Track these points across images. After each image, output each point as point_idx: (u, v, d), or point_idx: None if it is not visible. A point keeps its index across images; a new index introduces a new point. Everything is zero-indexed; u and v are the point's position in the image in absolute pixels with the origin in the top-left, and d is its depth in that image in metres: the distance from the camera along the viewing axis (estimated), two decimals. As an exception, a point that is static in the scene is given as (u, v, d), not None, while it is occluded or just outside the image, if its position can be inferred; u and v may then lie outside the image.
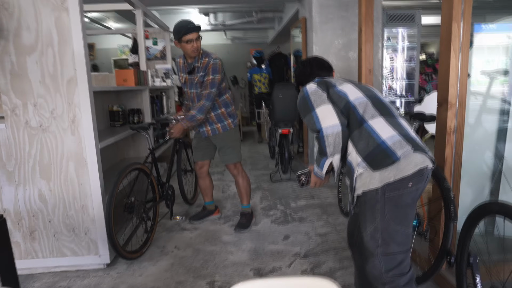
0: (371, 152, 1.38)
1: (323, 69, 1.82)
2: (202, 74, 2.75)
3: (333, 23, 4.46)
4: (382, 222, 1.38)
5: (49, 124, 2.23)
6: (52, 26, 2.15)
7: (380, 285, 1.43)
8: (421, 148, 1.40)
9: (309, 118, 1.54)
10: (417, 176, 1.35)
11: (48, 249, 2.38)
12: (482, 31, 2.45)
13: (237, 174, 3.04)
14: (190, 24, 2.63)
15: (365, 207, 1.44)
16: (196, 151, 3.08)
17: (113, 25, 8.74)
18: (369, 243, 1.44)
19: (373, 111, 1.46)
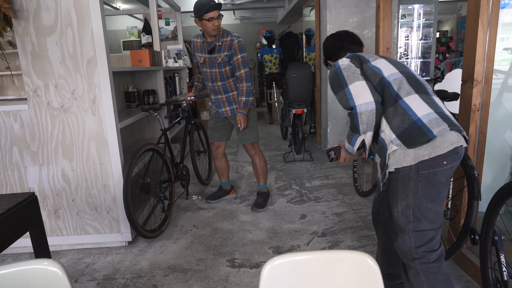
0: (406, 129, 1.36)
1: (355, 43, 1.78)
2: (228, 53, 2.73)
3: (348, 0, 4.35)
4: (415, 199, 1.38)
5: (70, 104, 2.25)
6: (70, 6, 2.13)
7: (410, 261, 1.43)
8: (457, 127, 1.38)
9: (341, 95, 1.51)
10: (452, 155, 1.34)
11: (72, 227, 2.44)
12: (507, 6, 2.37)
13: (254, 154, 3.05)
14: (212, 1, 2.59)
15: (397, 184, 1.42)
16: (212, 132, 3.09)
17: (121, 6, 8.65)
18: (400, 219, 1.43)
19: (408, 88, 1.44)
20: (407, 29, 5.25)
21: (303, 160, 4.48)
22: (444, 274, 1.39)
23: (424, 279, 1.39)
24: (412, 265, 1.42)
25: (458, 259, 2.08)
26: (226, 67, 2.78)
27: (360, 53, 1.69)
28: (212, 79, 2.87)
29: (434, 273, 1.39)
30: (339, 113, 4.63)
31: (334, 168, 4.14)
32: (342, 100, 1.52)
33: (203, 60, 2.85)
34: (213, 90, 2.92)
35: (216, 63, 2.78)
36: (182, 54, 4.76)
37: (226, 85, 2.86)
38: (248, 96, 2.78)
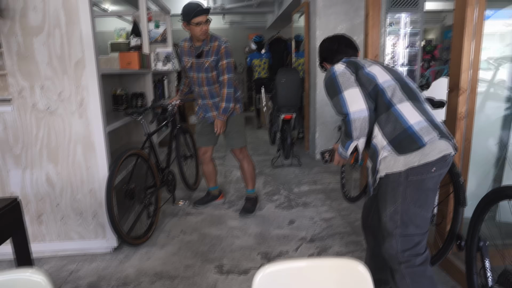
0: (398, 136, 1.38)
1: (351, 47, 1.79)
2: (215, 58, 2.72)
3: (337, 8, 4.41)
4: (403, 204, 1.40)
5: (57, 107, 2.20)
6: (59, 7, 2.09)
7: (396, 265, 1.46)
8: (446, 135, 1.41)
9: (336, 101, 1.53)
10: (441, 162, 1.36)
11: (55, 232, 2.39)
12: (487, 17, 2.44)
13: (243, 159, 3.04)
14: (199, 6, 2.58)
15: (386, 189, 1.45)
16: (199, 136, 3.07)
17: (109, 8, 8.56)
18: (388, 223, 1.46)
19: (401, 95, 1.46)
20: (394, 37, 5.35)
21: (292, 165, 4.49)
22: (429, 277, 1.42)
23: (410, 282, 1.42)
24: (399, 268, 1.45)
25: (444, 264, 2.11)
26: (213, 72, 2.77)
27: (355, 58, 1.71)
28: (199, 84, 2.85)
29: (420, 276, 1.41)
30: (327, 118, 4.66)
31: (322, 173, 4.16)
32: (336, 106, 1.54)
33: (190, 65, 2.83)
34: (200, 94, 2.90)
35: (203, 68, 2.77)
36: (171, 57, 4.72)
37: (212, 90, 2.84)
38: (228, 102, 2.75)
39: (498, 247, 1.81)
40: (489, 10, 2.41)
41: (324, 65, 1.86)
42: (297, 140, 5.93)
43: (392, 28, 5.28)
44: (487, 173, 2.61)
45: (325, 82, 1.62)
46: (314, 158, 4.82)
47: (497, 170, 2.57)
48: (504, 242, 1.89)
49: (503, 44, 2.54)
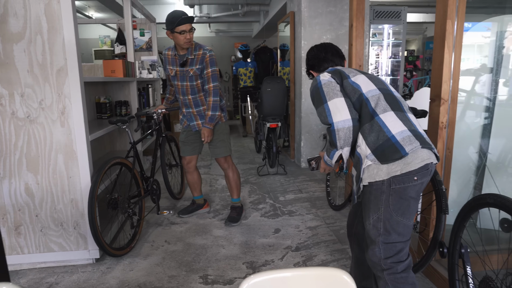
0: (381, 145, 1.40)
1: (338, 56, 1.82)
2: (199, 67, 2.71)
3: (322, 18, 4.48)
4: (386, 212, 1.42)
5: (37, 115, 2.15)
6: (41, 13, 2.06)
7: (379, 272, 1.47)
8: (428, 144, 1.43)
9: (321, 111, 1.55)
10: (423, 171, 1.39)
11: (35, 244, 2.31)
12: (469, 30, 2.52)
13: (227, 168, 3.03)
14: (184, 14, 2.58)
15: (370, 197, 1.47)
16: (184, 145, 3.04)
17: (94, 15, 8.49)
18: (371, 231, 1.48)
19: (384, 105, 1.48)
20: (377, 48, 5.46)
21: (277, 174, 4.49)
22: (411, 284, 1.44)
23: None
24: (382, 275, 1.47)
25: (428, 271, 2.13)
26: (198, 81, 2.76)
27: (341, 67, 1.73)
28: (184, 92, 2.84)
29: (402, 283, 1.43)
30: (312, 127, 4.70)
31: (307, 181, 4.18)
32: (321, 116, 1.56)
33: (175, 73, 2.82)
34: (184, 103, 2.89)
35: (188, 76, 2.76)
36: (157, 65, 4.70)
37: (197, 98, 2.84)
38: (214, 110, 2.75)
39: (479, 253, 1.84)
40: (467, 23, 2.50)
41: (311, 73, 1.88)
42: (283, 148, 5.95)
43: (375, 38, 5.40)
44: (468, 181, 2.67)
45: (311, 91, 1.64)
46: (299, 166, 4.84)
47: (477, 178, 2.63)
48: (484, 249, 1.92)
49: (481, 55, 2.62)
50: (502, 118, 2.49)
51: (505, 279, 1.43)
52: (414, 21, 8.83)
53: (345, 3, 4.47)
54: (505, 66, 2.53)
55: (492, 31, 2.53)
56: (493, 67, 2.55)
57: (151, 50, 5.09)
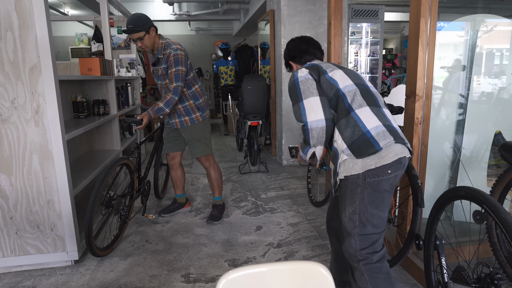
0: (356, 140, 1.43)
1: (319, 50, 1.85)
2: (165, 66, 2.70)
3: (301, 16, 4.51)
4: (361, 205, 1.46)
5: (10, 114, 2.09)
6: (11, 9, 2.00)
7: (355, 262, 1.51)
8: (402, 139, 1.47)
9: (296, 108, 1.58)
10: (396, 164, 1.43)
11: (10, 247, 2.25)
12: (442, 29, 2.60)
13: (209, 166, 3.02)
14: (128, 24, 2.59)
15: (346, 191, 1.50)
16: (166, 142, 3.03)
17: (69, 12, 8.27)
18: (347, 223, 1.52)
19: (360, 100, 1.51)
20: (356, 46, 5.54)
21: (259, 172, 4.51)
22: (385, 273, 1.48)
23: (368, 279, 1.47)
24: (357, 266, 1.51)
25: (405, 264, 2.19)
26: (166, 80, 2.76)
27: (320, 62, 1.75)
28: (160, 90, 2.90)
29: (376, 273, 1.47)
30: (293, 125, 4.74)
31: (289, 179, 4.21)
32: (296, 113, 1.58)
33: (152, 71, 2.87)
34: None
35: (158, 75, 2.79)
36: (136, 63, 4.63)
37: None
38: (166, 106, 2.63)
39: (453, 245, 1.90)
40: (443, 22, 2.57)
41: (290, 64, 1.88)
42: (264, 146, 5.97)
43: (354, 37, 5.48)
44: (444, 175, 2.75)
45: (289, 87, 1.66)
46: (281, 164, 4.86)
47: (452, 172, 2.71)
48: (458, 240, 1.99)
49: (457, 53, 2.70)
50: (474, 114, 2.58)
51: (476, 268, 1.48)
52: (392, 20, 9.00)
53: (324, 2, 4.52)
54: (478, 64, 2.62)
55: (465, 30, 2.61)
56: (466, 65, 2.63)
57: (129, 48, 5.01)
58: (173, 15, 8.19)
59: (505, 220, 1.26)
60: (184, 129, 2.90)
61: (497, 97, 2.68)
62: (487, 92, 2.66)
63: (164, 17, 8.23)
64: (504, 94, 2.67)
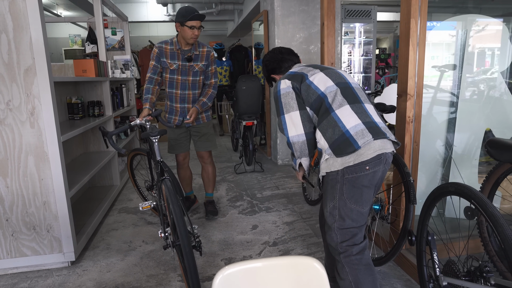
0: (336, 140, 1.50)
1: (293, 54, 1.93)
2: (206, 63, 2.83)
3: (295, 17, 4.55)
4: (340, 200, 1.52)
5: (5, 116, 2.09)
6: (5, 11, 2.00)
7: (337, 255, 1.57)
8: (382, 134, 1.51)
9: (279, 121, 1.68)
10: (375, 161, 1.48)
11: (6, 249, 2.25)
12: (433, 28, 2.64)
13: (210, 162, 3.10)
14: (195, 11, 2.66)
15: (327, 187, 1.57)
16: (177, 143, 2.99)
17: (62, 13, 8.25)
18: (328, 218, 1.58)
19: (341, 99, 1.56)
20: (349, 46, 5.59)
21: (254, 171, 4.53)
22: (365, 265, 1.52)
23: (348, 270, 1.52)
24: (339, 259, 1.56)
25: (399, 260, 2.23)
26: (201, 76, 2.86)
27: (300, 67, 1.79)
28: (184, 87, 2.84)
29: (356, 264, 1.51)
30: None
31: (284, 178, 4.24)
32: (279, 126, 1.69)
33: (177, 67, 2.79)
34: (181, 98, 2.87)
35: (192, 71, 2.81)
36: (130, 65, 4.63)
37: (196, 94, 2.89)
38: (209, 100, 2.90)
39: (444, 240, 1.94)
40: (435, 22, 2.62)
41: (272, 78, 1.96)
42: (259, 146, 6.00)
43: (347, 37, 5.53)
44: (436, 172, 2.79)
45: (273, 97, 1.79)
46: (276, 163, 4.89)
47: (444, 169, 2.76)
48: (449, 236, 2.03)
49: (449, 53, 2.75)
50: (465, 113, 2.62)
51: (466, 262, 1.52)
52: (385, 20, 9.08)
53: (317, 2, 4.55)
54: (469, 63, 2.67)
55: (457, 29, 2.66)
56: (457, 64, 2.68)
57: (124, 49, 5.01)
58: (167, 16, 8.19)
59: (492, 215, 1.30)
60: (200, 125, 3.00)
61: (487, 96, 2.73)
62: (477, 91, 2.71)
63: (158, 18, 8.23)
64: (494, 92, 2.71)
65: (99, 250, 2.57)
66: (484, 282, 1.40)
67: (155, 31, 9.77)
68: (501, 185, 2.04)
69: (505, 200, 2.43)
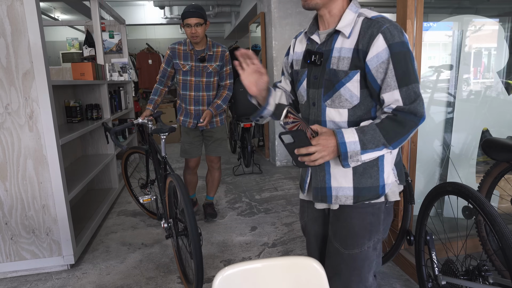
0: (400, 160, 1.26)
1: None
2: (220, 64, 2.77)
3: (292, 19, 4.56)
4: (384, 233, 1.25)
5: (3, 120, 2.10)
6: (3, 15, 2.01)
7: None
8: None
9: (414, 90, 1.05)
10: None
11: (5, 253, 2.25)
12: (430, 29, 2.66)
13: (218, 168, 3.08)
14: (192, 8, 2.58)
15: (366, 217, 1.20)
16: (191, 147, 2.93)
17: (60, 17, 8.25)
18: (370, 254, 1.22)
19: None
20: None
21: (252, 173, 4.54)
22: None
23: None
24: None
25: (398, 260, 2.24)
26: (215, 77, 2.80)
27: None
28: (198, 88, 2.78)
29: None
30: (286, 126, 4.77)
31: (282, 180, 4.25)
32: (409, 97, 1.05)
33: (189, 68, 2.75)
34: (195, 100, 2.80)
35: (206, 72, 2.75)
36: (128, 67, 4.64)
37: (210, 96, 2.82)
38: (224, 103, 2.83)
39: (443, 240, 1.96)
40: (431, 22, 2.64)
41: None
42: (258, 148, 6.01)
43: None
44: (434, 172, 2.81)
45: (395, 52, 1.05)
46: (274, 165, 4.90)
47: (442, 169, 2.77)
48: (447, 236, 2.04)
49: (446, 53, 2.76)
50: (462, 113, 2.64)
51: (464, 261, 1.53)
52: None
53: (314, 4, 4.57)
54: (466, 63, 2.68)
55: (453, 30, 2.68)
56: (454, 64, 2.70)
57: (121, 52, 5.02)
58: (164, 19, 8.20)
59: (490, 213, 1.31)
60: (214, 130, 2.94)
61: (484, 95, 2.75)
62: (474, 91, 2.73)
63: (155, 20, 8.25)
64: (491, 92, 2.73)
65: (99, 253, 2.57)
66: (482, 281, 1.41)
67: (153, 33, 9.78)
68: (498, 184, 2.05)
69: (503, 200, 2.45)
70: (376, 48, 1.05)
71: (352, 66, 1.10)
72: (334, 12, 1.15)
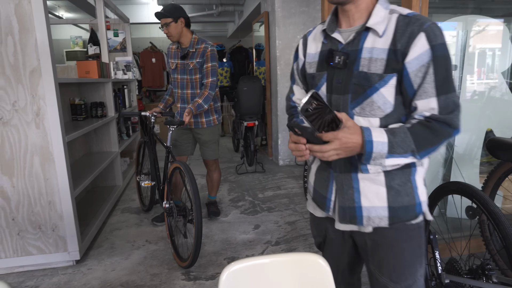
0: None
1: None
2: (200, 60, 2.71)
3: (295, 18, 4.57)
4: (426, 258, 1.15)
5: (11, 117, 2.12)
6: (11, 14, 2.03)
7: None
8: None
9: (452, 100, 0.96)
10: None
11: (12, 248, 2.27)
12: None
13: (215, 170, 3.07)
14: (162, 9, 2.63)
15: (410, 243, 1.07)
16: (177, 145, 2.93)
17: (64, 15, 8.28)
18: (422, 283, 1.11)
19: None
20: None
21: (255, 172, 4.55)
22: None
23: None
24: None
25: (400, 259, 2.24)
26: (197, 75, 2.75)
27: None
28: (182, 86, 2.81)
29: None
30: (289, 125, 4.78)
31: (285, 178, 4.26)
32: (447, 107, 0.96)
33: (175, 66, 2.80)
34: (181, 98, 2.84)
35: (188, 70, 2.75)
36: (132, 66, 4.66)
37: (195, 94, 2.80)
38: (205, 102, 2.67)
39: (447, 240, 1.96)
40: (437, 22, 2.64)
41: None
42: (261, 147, 6.02)
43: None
44: (437, 173, 2.81)
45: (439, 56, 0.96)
46: (277, 164, 4.92)
47: (445, 169, 2.78)
48: (451, 236, 2.05)
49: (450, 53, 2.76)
50: (466, 113, 2.64)
51: (468, 260, 1.54)
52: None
53: (318, 3, 4.58)
54: (470, 64, 2.69)
55: (457, 30, 2.68)
56: (458, 64, 2.70)
57: (125, 50, 5.04)
58: (168, 17, 8.21)
59: (494, 213, 1.32)
60: (199, 131, 2.87)
61: (488, 96, 2.75)
62: (478, 91, 2.73)
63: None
64: (495, 93, 2.74)
65: (103, 249, 2.60)
66: (486, 280, 1.42)
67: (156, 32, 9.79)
68: (502, 184, 2.06)
69: (507, 200, 2.45)
70: (418, 49, 0.93)
71: (388, 69, 0.95)
72: (362, 7, 1.00)
